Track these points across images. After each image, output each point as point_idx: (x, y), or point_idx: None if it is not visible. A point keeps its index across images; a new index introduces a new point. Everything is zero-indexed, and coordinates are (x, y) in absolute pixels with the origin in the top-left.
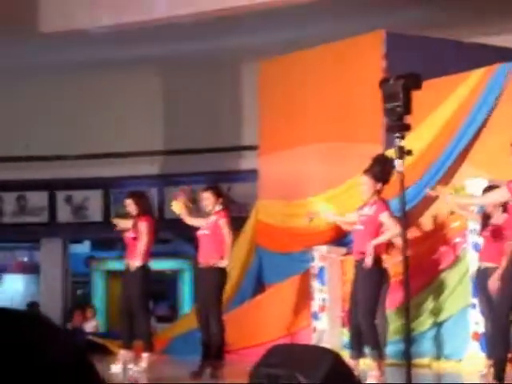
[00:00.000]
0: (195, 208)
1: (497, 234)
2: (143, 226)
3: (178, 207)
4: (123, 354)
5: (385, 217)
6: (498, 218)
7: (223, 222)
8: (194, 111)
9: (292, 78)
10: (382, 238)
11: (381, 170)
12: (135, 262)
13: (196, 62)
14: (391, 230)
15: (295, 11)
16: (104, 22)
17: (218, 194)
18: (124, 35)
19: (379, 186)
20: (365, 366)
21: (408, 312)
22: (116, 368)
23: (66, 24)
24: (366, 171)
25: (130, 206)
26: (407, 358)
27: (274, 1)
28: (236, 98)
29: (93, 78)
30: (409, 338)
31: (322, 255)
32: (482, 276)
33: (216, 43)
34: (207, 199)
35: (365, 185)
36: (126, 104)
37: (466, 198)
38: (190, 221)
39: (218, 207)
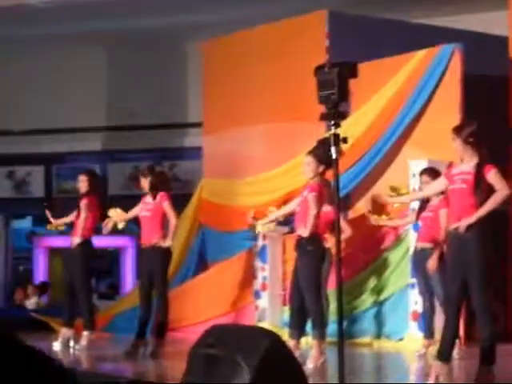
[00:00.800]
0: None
1: (434, 216)
2: (85, 205)
3: (114, 213)
4: (64, 331)
5: (310, 196)
6: (435, 201)
7: (167, 205)
8: (139, 88)
9: (236, 58)
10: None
11: (325, 152)
12: (76, 240)
13: (141, 39)
14: (312, 209)
15: None
16: None
17: (159, 174)
18: (69, 10)
19: (322, 168)
20: (306, 345)
21: (340, 294)
22: (57, 345)
23: None
24: (310, 152)
25: (83, 182)
26: (340, 337)
27: None
28: (181, 75)
29: (35, 53)
30: (341, 320)
31: (263, 234)
32: (419, 256)
33: (162, 21)
34: (147, 182)
35: (308, 165)
36: (69, 80)
37: (408, 196)
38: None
39: (160, 188)
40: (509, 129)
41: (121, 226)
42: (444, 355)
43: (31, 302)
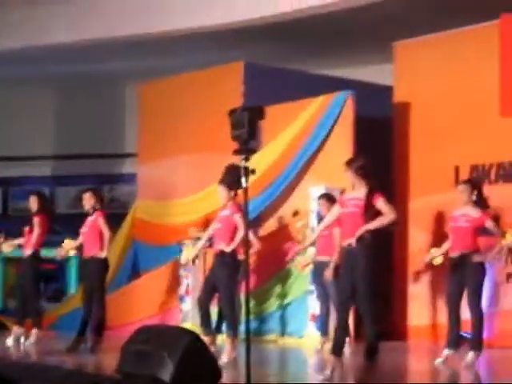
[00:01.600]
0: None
1: (329, 234)
2: (37, 221)
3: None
4: (15, 329)
5: (237, 217)
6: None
7: (101, 221)
8: (84, 123)
9: (167, 99)
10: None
11: (232, 179)
12: (28, 251)
13: (87, 81)
14: (241, 230)
15: (173, 42)
16: (7, 44)
17: (97, 195)
18: (26, 55)
19: (232, 193)
20: (222, 342)
21: (248, 299)
22: (9, 342)
23: None
24: (221, 181)
25: (34, 202)
26: (247, 334)
27: (157, 32)
28: (120, 113)
29: None
30: (248, 320)
31: (187, 247)
32: (318, 268)
33: (105, 66)
34: (87, 200)
35: (221, 193)
36: (25, 115)
37: (319, 226)
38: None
39: (97, 207)
40: (392, 161)
41: (72, 253)
42: (337, 350)
43: None
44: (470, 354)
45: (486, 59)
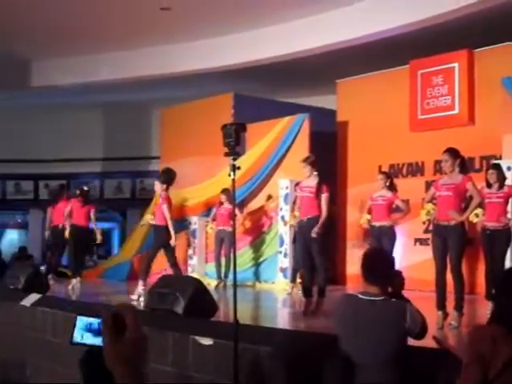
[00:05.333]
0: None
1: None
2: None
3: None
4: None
5: (164, 207)
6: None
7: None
8: (124, 136)
9: (181, 120)
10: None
11: (166, 176)
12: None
13: (126, 107)
14: (167, 215)
15: (187, 79)
16: (69, 80)
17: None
18: (84, 89)
19: (164, 186)
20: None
21: (235, 257)
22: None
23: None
24: (158, 178)
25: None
26: (234, 281)
27: (177, 72)
28: (149, 128)
29: (58, 116)
30: (235, 271)
31: (194, 222)
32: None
33: (139, 96)
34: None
35: (156, 186)
36: (83, 130)
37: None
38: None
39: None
40: (336, 161)
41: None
42: (308, 293)
43: None
44: None
45: (400, 92)
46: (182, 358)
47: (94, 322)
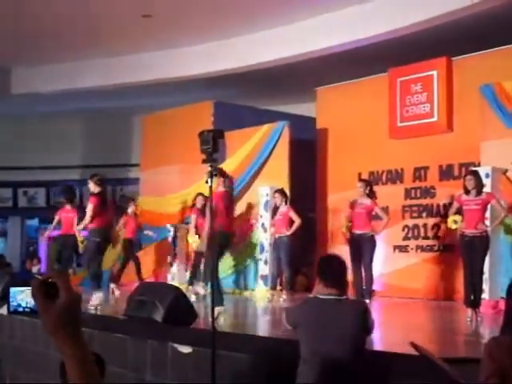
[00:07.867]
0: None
1: (283, 217)
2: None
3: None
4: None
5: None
6: (283, 208)
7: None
8: (103, 143)
9: (161, 127)
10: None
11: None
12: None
13: (106, 113)
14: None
15: (167, 87)
16: (50, 87)
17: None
18: (65, 96)
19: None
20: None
21: (215, 265)
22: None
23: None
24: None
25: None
26: (212, 289)
27: (156, 79)
28: (129, 135)
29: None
30: (213, 279)
31: (174, 228)
32: (277, 242)
33: (119, 103)
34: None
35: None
36: (61, 137)
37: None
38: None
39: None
40: (316, 168)
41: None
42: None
43: (35, 268)
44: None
45: (379, 99)
46: (161, 366)
47: (27, 290)
